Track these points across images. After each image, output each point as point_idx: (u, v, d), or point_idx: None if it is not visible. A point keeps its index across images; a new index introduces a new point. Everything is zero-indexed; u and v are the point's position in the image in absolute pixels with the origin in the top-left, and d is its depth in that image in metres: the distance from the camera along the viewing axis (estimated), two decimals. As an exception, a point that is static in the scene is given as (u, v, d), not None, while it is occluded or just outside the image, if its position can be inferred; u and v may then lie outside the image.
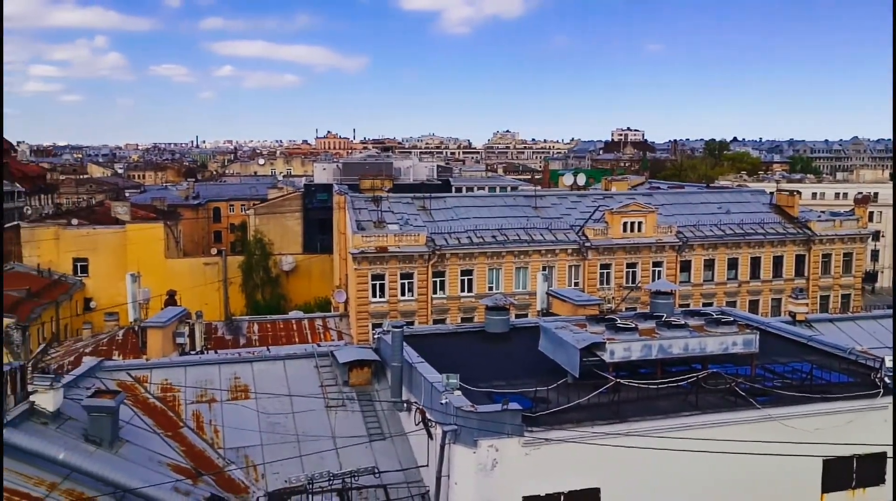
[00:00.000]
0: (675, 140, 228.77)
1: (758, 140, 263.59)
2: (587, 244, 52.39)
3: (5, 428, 15.44)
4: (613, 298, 49.53)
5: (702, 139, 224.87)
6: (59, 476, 15.32)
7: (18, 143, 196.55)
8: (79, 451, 16.00)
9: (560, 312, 28.38)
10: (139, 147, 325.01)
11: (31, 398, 16.81)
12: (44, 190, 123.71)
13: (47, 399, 16.87)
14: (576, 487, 17.59)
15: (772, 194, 64.22)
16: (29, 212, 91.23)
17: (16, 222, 72.80)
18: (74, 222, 68.46)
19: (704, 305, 51.81)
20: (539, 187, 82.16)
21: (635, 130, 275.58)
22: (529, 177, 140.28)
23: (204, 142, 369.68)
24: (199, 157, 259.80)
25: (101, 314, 54.02)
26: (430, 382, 18.51)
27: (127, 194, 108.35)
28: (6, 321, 50.55)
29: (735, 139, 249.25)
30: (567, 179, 79.40)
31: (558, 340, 20.46)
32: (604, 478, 17.72)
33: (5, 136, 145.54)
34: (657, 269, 54.05)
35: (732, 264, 56.39)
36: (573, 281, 52.36)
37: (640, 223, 53.89)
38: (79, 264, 65.74)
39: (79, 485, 15.32)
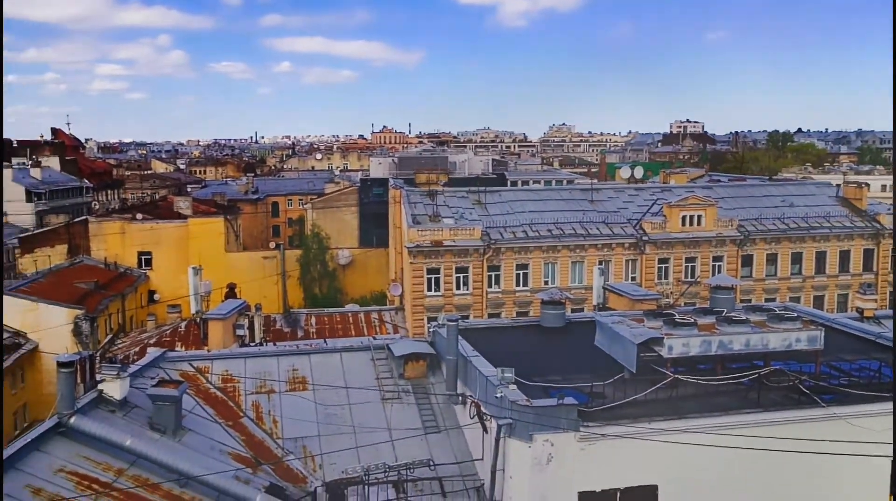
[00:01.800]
0: (736, 132, 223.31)
1: (824, 131, 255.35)
2: (644, 238, 51.63)
3: (76, 415, 16.00)
4: (671, 293, 48.68)
5: (764, 131, 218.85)
6: (125, 463, 15.81)
7: (86, 140, 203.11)
8: (144, 438, 16.49)
9: (616, 306, 28.07)
10: (200, 143, 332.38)
11: (100, 386, 17.39)
12: (110, 186, 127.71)
13: (114, 388, 17.42)
14: (633, 483, 17.39)
15: (838, 186, 62.22)
16: (97, 207, 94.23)
17: (84, 217, 75.31)
18: (139, 216, 70.38)
19: (767, 300, 50.58)
20: (595, 181, 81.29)
21: (695, 122, 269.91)
22: (586, 170, 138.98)
23: (263, 137, 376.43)
24: (258, 152, 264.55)
25: (165, 306, 55.53)
26: (486, 376, 18.51)
27: (189, 189, 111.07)
28: (75, 312, 52.39)
29: (799, 130, 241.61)
30: (624, 173, 78.38)
31: (615, 335, 20.23)
32: (661, 475, 17.48)
33: (75, 133, 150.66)
34: (717, 263, 52.95)
35: (796, 259, 54.88)
36: (630, 276, 51.66)
37: (699, 217, 52.85)
38: (143, 258, 67.60)
39: (144, 471, 15.79)
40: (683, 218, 52.64)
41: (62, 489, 14.44)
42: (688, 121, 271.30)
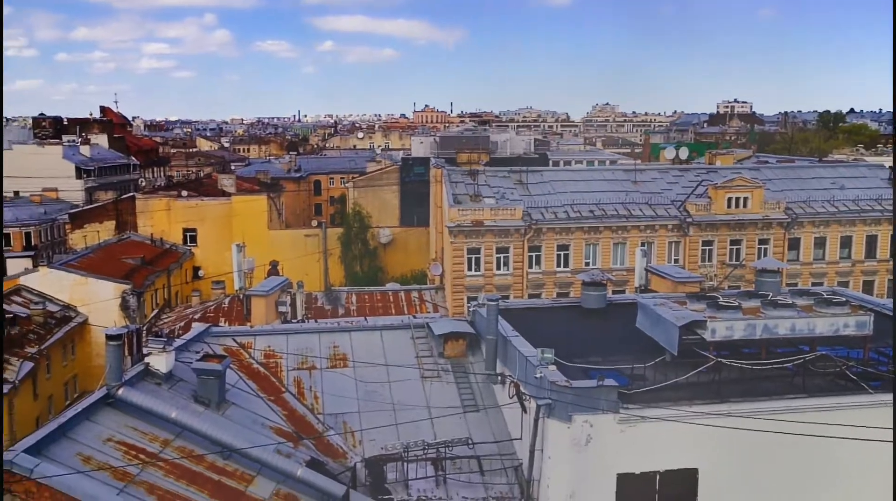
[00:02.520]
0: (785, 112, 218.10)
1: (877, 111, 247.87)
2: (689, 220, 50.88)
3: (123, 387, 16.39)
4: (716, 275, 48.01)
5: (815, 111, 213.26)
6: (171, 434, 16.18)
7: (133, 118, 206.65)
8: (189, 411, 16.84)
9: (659, 289, 27.77)
10: (244, 121, 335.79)
11: (146, 359, 17.78)
12: (157, 163, 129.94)
13: (160, 361, 17.79)
14: (672, 466, 17.27)
15: (891, 168, 60.45)
16: (143, 184, 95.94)
17: (132, 194, 76.77)
18: (184, 193, 71.52)
19: (814, 285, 49.52)
20: (639, 161, 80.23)
21: (742, 102, 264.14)
22: (629, 151, 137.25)
23: (305, 116, 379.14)
24: (301, 131, 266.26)
25: (209, 282, 56.48)
26: (525, 356, 18.49)
27: (233, 167, 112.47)
28: (123, 286, 53.57)
29: (852, 111, 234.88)
30: (668, 153, 77.15)
31: (656, 317, 20.01)
32: (702, 459, 17.32)
33: (122, 111, 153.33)
34: (763, 246, 51.96)
35: (846, 243, 53.56)
36: (673, 258, 51.03)
37: (745, 199, 51.85)
38: (188, 234, 68.78)
39: (189, 443, 16.14)
40: (729, 200, 51.71)
41: (111, 458, 14.83)
42: (735, 101, 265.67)
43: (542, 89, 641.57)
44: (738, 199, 51.83)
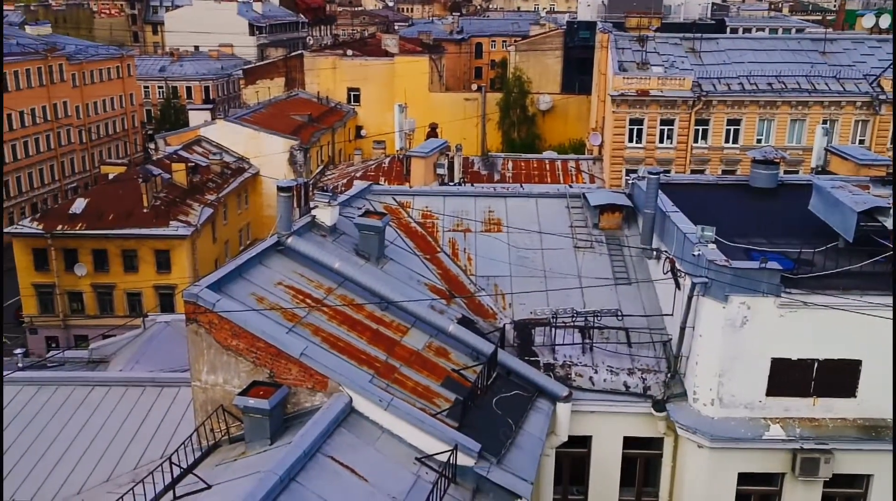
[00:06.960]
0: None
1: None
2: (881, 97, 46.11)
3: (292, 236, 17.47)
4: (906, 160, 43.77)
5: None
6: (334, 283, 17.23)
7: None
8: (351, 263, 17.79)
9: (838, 171, 25.74)
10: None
11: (312, 212, 18.76)
12: (323, 21, 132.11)
13: (325, 215, 18.72)
14: (833, 356, 16.57)
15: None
16: (311, 42, 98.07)
17: (300, 51, 78.95)
18: (349, 52, 72.69)
19: None
20: (830, 30, 72.75)
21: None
22: (820, 17, 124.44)
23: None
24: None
25: (370, 141, 58.16)
26: (684, 232, 17.90)
27: (396, 27, 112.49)
28: (291, 142, 56.17)
29: None
30: (867, 21, 69.05)
31: (833, 200, 18.63)
32: (867, 351, 16.47)
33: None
34: (968, 130, 46.55)
35: None
36: (858, 138, 46.86)
37: (953, 75, 46.15)
38: (352, 93, 70.45)
39: (350, 292, 17.15)
40: (933, 76, 46.22)
41: (281, 300, 16.07)
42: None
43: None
44: (944, 75, 46.22)
